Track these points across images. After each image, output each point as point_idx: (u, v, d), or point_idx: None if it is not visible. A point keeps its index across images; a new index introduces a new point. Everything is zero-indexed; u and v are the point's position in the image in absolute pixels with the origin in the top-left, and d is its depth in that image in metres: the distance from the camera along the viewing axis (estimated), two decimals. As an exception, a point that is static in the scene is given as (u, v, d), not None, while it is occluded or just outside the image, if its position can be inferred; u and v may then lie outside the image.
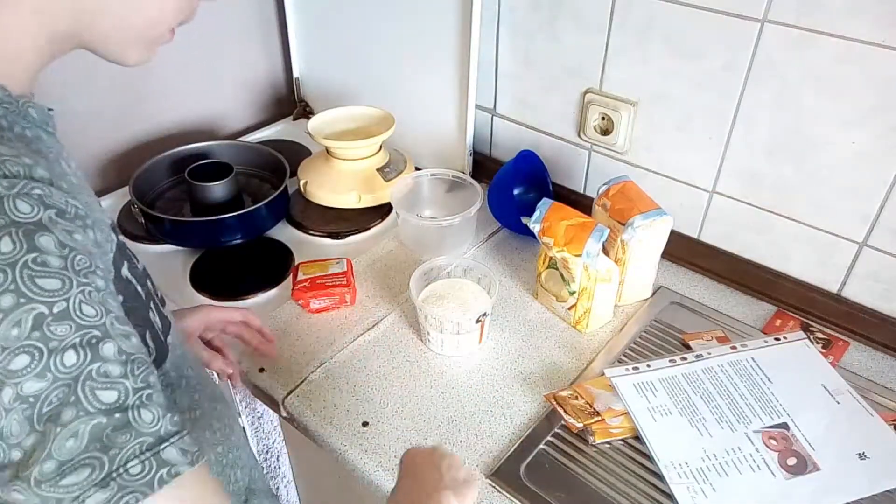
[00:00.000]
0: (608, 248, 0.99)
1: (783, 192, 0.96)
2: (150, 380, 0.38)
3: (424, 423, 0.84)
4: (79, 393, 0.34)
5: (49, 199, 0.36)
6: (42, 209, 0.35)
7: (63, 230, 0.36)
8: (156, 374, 0.39)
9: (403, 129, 1.22)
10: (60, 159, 0.46)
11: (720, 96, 0.95)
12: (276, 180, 1.19)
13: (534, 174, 1.19)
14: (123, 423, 0.34)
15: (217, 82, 1.41)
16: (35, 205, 0.35)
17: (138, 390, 0.36)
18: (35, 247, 0.34)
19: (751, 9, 0.87)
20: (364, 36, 1.32)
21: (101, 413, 0.34)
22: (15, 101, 0.43)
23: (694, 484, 0.74)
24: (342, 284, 1.00)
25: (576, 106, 1.12)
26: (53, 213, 0.36)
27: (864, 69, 0.82)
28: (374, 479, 0.79)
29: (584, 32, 1.05)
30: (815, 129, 0.89)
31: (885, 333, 0.94)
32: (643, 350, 0.94)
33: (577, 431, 0.81)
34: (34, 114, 0.45)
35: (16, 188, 0.35)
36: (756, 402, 0.83)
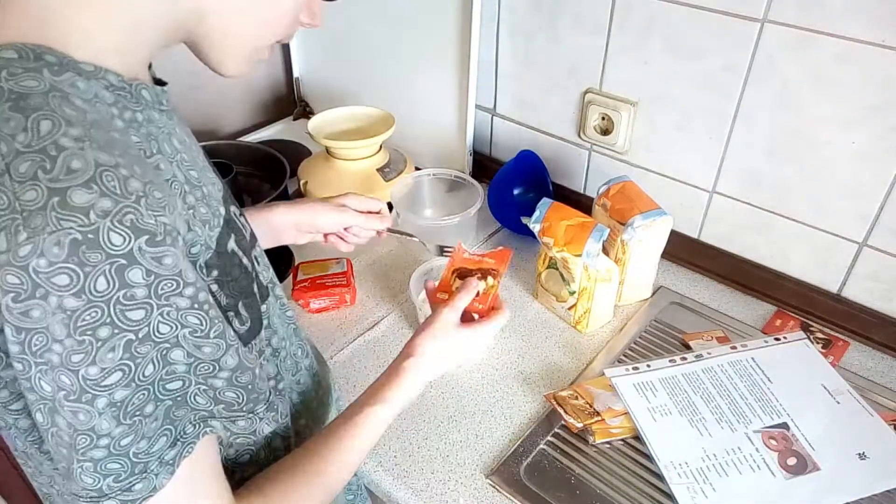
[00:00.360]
0: (608, 248, 0.99)
1: (783, 192, 0.96)
2: (210, 382, 0.45)
3: (424, 423, 0.84)
4: (157, 392, 0.42)
5: (140, 220, 0.39)
6: (133, 239, 0.38)
7: (151, 258, 0.39)
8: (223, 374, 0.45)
9: (403, 129, 1.22)
10: (172, 137, 0.49)
11: (720, 96, 0.95)
12: (276, 180, 1.19)
13: (534, 174, 1.19)
14: (183, 403, 0.44)
15: (217, 83, 1.41)
16: (126, 234, 0.38)
17: (198, 383, 0.44)
18: (125, 283, 0.39)
19: (751, 9, 0.87)
20: (364, 36, 1.33)
21: (170, 398, 0.43)
22: (129, 84, 0.45)
23: (694, 484, 0.74)
24: (342, 284, 1.00)
25: (576, 106, 1.12)
26: (144, 241, 0.39)
27: (864, 69, 0.82)
28: (374, 478, 0.79)
29: (584, 33, 1.05)
30: (815, 128, 0.89)
31: (885, 333, 0.94)
32: (643, 350, 0.94)
33: (577, 431, 0.81)
34: (147, 95, 0.47)
35: (110, 215, 0.38)
36: (756, 402, 0.83)
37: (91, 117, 0.41)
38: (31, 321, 0.38)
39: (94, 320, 0.38)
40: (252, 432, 0.49)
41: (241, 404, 0.47)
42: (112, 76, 0.44)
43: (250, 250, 0.57)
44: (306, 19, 0.54)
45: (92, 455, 0.41)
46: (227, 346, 0.45)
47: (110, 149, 0.40)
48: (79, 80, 0.42)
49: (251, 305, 0.55)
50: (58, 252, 0.37)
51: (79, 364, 0.39)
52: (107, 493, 0.42)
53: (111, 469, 0.42)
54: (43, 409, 0.41)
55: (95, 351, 0.39)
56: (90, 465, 0.42)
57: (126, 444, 0.42)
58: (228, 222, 0.52)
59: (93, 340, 0.39)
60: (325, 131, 1.20)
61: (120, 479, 0.42)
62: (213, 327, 0.44)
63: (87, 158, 0.38)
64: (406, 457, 0.80)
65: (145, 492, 0.43)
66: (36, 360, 0.39)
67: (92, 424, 0.41)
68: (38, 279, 0.37)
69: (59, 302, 0.37)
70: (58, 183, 0.37)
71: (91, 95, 0.43)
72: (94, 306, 0.38)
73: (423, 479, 0.77)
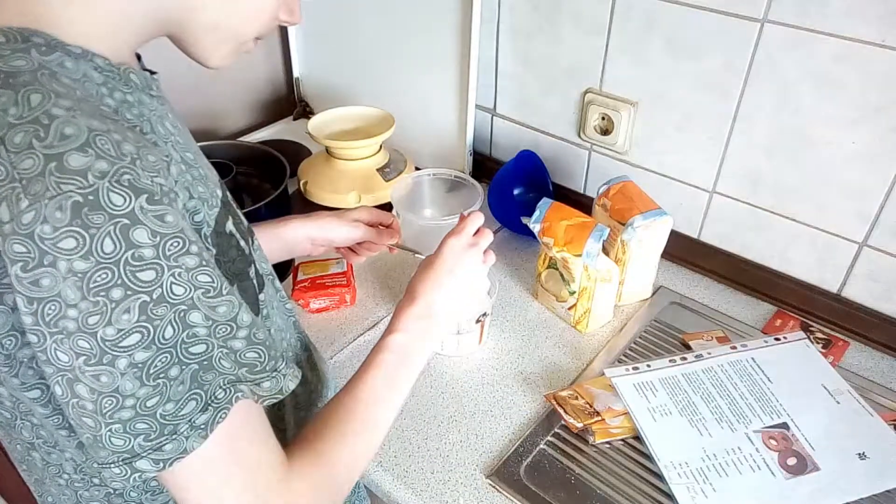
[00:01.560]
0: (608, 248, 0.99)
1: (783, 192, 0.96)
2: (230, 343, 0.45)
3: (424, 423, 0.84)
4: (180, 355, 0.42)
5: (138, 181, 0.39)
6: (133, 198, 0.39)
7: (154, 217, 0.40)
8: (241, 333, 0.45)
9: (403, 129, 1.22)
10: (165, 121, 0.50)
11: (720, 96, 0.95)
12: (276, 180, 1.19)
13: (534, 174, 1.19)
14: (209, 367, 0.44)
15: (217, 82, 1.41)
16: (126, 193, 0.39)
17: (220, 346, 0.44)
18: (132, 243, 0.39)
19: (751, 9, 0.87)
20: (364, 36, 1.33)
21: (195, 362, 0.43)
22: (116, 68, 0.46)
23: (694, 484, 0.74)
24: (342, 284, 1.00)
25: (576, 106, 1.12)
26: (144, 201, 0.39)
27: (864, 69, 0.82)
28: (374, 478, 0.79)
29: (584, 32, 1.05)
30: (815, 128, 0.89)
31: (885, 333, 0.94)
32: (643, 350, 0.94)
33: (577, 431, 0.81)
34: (136, 79, 0.48)
35: (107, 176, 0.38)
36: (756, 402, 0.83)
37: (80, 94, 0.42)
38: (42, 290, 0.38)
39: (105, 281, 0.38)
40: (279, 391, 0.48)
41: (262, 363, 0.47)
42: (99, 59, 0.45)
43: (248, 237, 0.57)
44: (285, 16, 0.54)
45: (119, 416, 0.42)
46: (239, 303, 0.45)
47: (101, 118, 0.41)
48: (67, 61, 0.43)
49: (246, 289, 0.55)
50: (60, 216, 0.37)
51: (96, 325, 0.39)
52: (138, 453, 0.43)
53: (140, 429, 0.42)
54: (61, 380, 0.41)
55: (110, 312, 0.39)
56: (119, 427, 0.42)
57: (152, 405, 0.42)
58: (226, 204, 0.53)
59: (107, 301, 0.39)
60: (325, 131, 1.20)
61: (150, 439, 0.43)
62: (222, 285, 0.44)
63: (79, 124, 0.39)
64: (406, 457, 0.80)
65: (175, 453, 0.43)
66: (50, 329, 0.39)
67: (116, 385, 0.41)
68: (45, 246, 0.37)
69: (68, 266, 0.38)
70: (53, 149, 0.38)
71: (80, 75, 0.43)
72: (104, 267, 0.38)
73: (423, 479, 0.77)
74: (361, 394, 0.59)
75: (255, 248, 0.59)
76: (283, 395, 0.49)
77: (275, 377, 0.48)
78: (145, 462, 0.43)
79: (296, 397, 0.67)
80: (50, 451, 0.55)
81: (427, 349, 0.66)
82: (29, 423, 0.53)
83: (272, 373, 0.48)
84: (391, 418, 0.61)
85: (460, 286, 0.68)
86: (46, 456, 0.55)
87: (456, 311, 0.69)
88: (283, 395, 0.49)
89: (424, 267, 0.68)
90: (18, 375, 0.47)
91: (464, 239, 0.69)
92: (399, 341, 0.63)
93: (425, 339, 0.65)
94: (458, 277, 0.68)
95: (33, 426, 0.53)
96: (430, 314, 0.66)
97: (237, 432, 0.47)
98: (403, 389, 0.63)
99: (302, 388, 0.68)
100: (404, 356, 0.63)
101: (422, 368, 0.65)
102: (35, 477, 0.60)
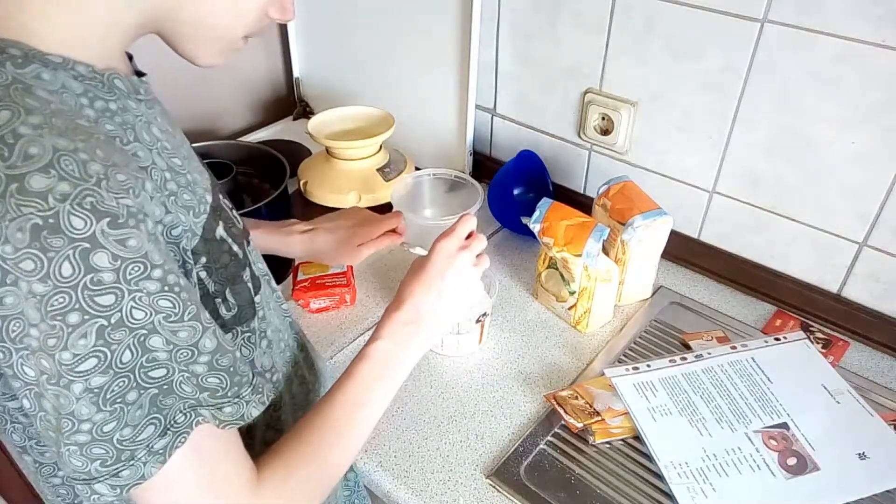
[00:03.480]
0: (608, 248, 0.99)
1: (783, 192, 0.96)
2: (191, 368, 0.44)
3: (424, 423, 0.84)
4: (138, 379, 0.42)
5: (101, 204, 0.39)
6: (94, 221, 0.38)
7: (115, 241, 0.39)
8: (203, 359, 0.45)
9: (403, 129, 1.22)
10: (152, 126, 0.49)
11: (720, 96, 0.95)
12: (276, 180, 1.19)
13: (534, 174, 1.19)
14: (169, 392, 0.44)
15: (217, 82, 1.41)
16: (87, 217, 0.38)
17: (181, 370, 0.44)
18: (91, 267, 0.38)
19: (751, 9, 0.87)
20: (364, 36, 1.33)
21: (154, 386, 0.43)
22: (100, 74, 0.46)
23: (694, 484, 0.74)
24: (342, 284, 1.00)
25: (576, 106, 1.12)
26: (106, 224, 0.39)
27: (864, 69, 0.82)
28: (374, 478, 0.79)
29: (584, 33, 1.05)
30: (815, 129, 0.89)
31: (885, 333, 0.94)
32: (643, 350, 0.94)
33: (577, 431, 0.81)
34: (121, 85, 0.47)
35: (69, 199, 0.38)
36: (756, 402, 0.83)
37: (54, 107, 0.41)
38: (5, 308, 0.38)
39: (62, 306, 0.38)
40: (240, 417, 0.48)
41: (225, 389, 0.46)
42: (81, 67, 0.44)
43: (242, 240, 0.57)
44: (276, 14, 0.54)
45: (76, 439, 0.42)
46: (204, 328, 0.45)
47: (72, 134, 0.40)
48: (44, 72, 0.42)
49: (240, 292, 0.55)
50: (21, 237, 0.37)
51: (54, 348, 0.39)
52: (96, 477, 0.43)
53: (96, 454, 0.42)
54: (29, 394, 0.41)
55: (67, 336, 0.39)
56: (76, 449, 0.42)
57: (109, 430, 0.42)
58: (216, 209, 0.53)
59: (63, 326, 0.39)
60: (325, 131, 1.20)
61: (107, 465, 0.43)
62: (186, 310, 0.43)
63: (44, 144, 0.38)
64: (406, 457, 0.80)
65: (133, 479, 0.43)
66: (16, 346, 0.40)
67: (72, 409, 0.41)
68: (7, 265, 0.37)
69: (28, 287, 0.38)
70: (15, 169, 0.37)
71: (57, 86, 0.43)
72: (60, 292, 0.38)
73: (423, 479, 0.77)
74: (339, 404, 0.58)
75: (250, 249, 0.59)
76: (244, 422, 0.48)
77: (237, 403, 0.47)
78: (103, 486, 0.43)
79: (293, 397, 0.66)
80: (43, 450, 0.55)
81: (413, 355, 0.64)
82: (20, 426, 0.53)
83: (234, 399, 0.47)
84: (371, 427, 0.61)
85: (450, 290, 0.66)
86: (39, 457, 0.55)
87: (445, 316, 0.67)
88: (245, 422, 0.48)
89: (415, 269, 0.67)
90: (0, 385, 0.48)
91: (455, 242, 0.68)
92: (383, 348, 0.62)
93: (411, 346, 0.64)
94: (448, 282, 0.66)
95: (24, 428, 0.53)
96: (416, 320, 0.64)
97: (204, 452, 0.47)
98: (385, 398, 0.62)
99: (300, 388, 0.68)
100: (387, 365, 0.62)
101: (408, 374, 0.64)
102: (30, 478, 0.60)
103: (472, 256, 0.68)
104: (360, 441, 0.60)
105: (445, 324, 0.67)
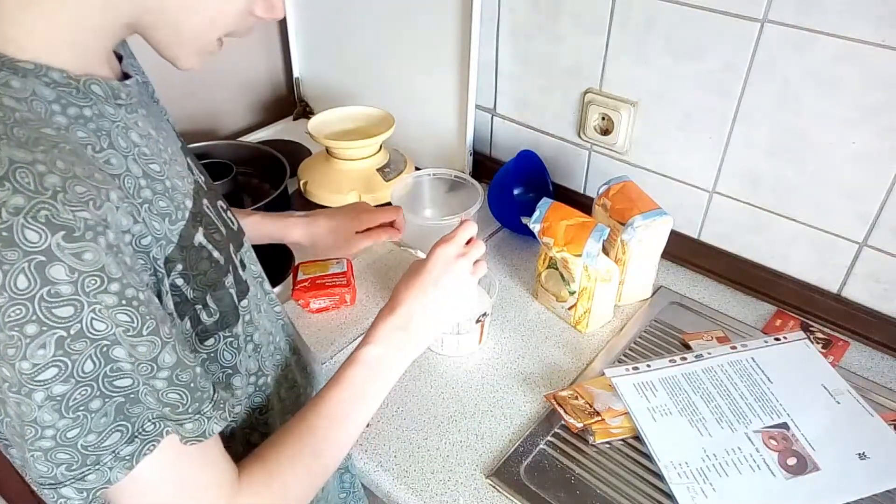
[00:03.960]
0: (608, 248, 0.99)
1: (783, 192, 0.96)
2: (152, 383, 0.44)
3: (424, 423, 0.84)
4: (102, 388, 0.42)
5: (56, 217, 0.38)
6: (49, 235, 0.38)
7: (71, 255, 0.39)
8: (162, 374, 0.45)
9: (403, 129, 1.22)
10: (130, 131, 0.48)
11: (720, 96, 0.95)
12: (276, 180, 1.19)
13: (534, 174, 1.19)
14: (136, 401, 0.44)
15: (217, 82, 1.41)
16: (42, 230, 0.38)
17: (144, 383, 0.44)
18: (47, 280, 0.38)
19: (751, 9, 0.87)
20: (364, 36, 1.33)
21: (120, 395, 0.43)
22: (75, 80, 0.45)
23: (694, 484, 0.74)
24: (342, 284, 1.00)
25: (576, 106, 1.12)
26: (61, 237, 0.38)
27: (863, 69, 0.82)
28: (374, 478, 0.79)
29: (584, 32, 1.05)
30: (815, 128, 0.89)
31: (885, 333, 0.94)
32: (643, 350, 0.94)
33: (577, 431, 0.81)
34: (98, 90, 0.47)
35: (22, 212, 0.37)
36: (756, 402, 0.83)
37: (20, 115, 0.41)
38: None
39: (19, 317, 0.38)
40: (202, 434, 0.47)
41: (185, 405, 0.46)
42: (55, 73, 0.44)
43: (228, 245, 0.56)
44: (263, 13, 0.53)
45: (40, 445, 0.42)
46: (163, 342, 0.44)
47: (32, 146, 0.40)
48: (13, 80, 0.42)
49: (221, 298, 0.54)
50: None
51: (13, 358, 0.39)
52: (62, 481, 0.43)
53: (61, 459, 0.43)
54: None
55: (25, 347, 0.39)
56: (40, 455, 0.42)
57: (73, 436, 0.42)
58: (196, 216, 0.52)
59: (21, 336, 0.39)
60: (325, 131, 1.20)
61: (72, 469, 0.43)
62: (144, 324, 0.43)
63: (0, 157, 0.38)
64: (406, 457, 0.80)
65: (98, 483, 0.44)
66: None
67: (34, 416, 0.41)
68: None
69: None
70: None
71: (27, 94, 0.42)
72: (17, 303, 0.38)
73: (423, 479, 0.77)
74: (326, 411, 0.58)
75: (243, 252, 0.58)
76: (205, 438, 0.48)
77: (197, 420, 0.47)
78: (69, 490, 0.43)
79: (282, 401, 0.66)
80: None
81: (403, 361, 0.64)
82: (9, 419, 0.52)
83: (195, 415, 0.47)
84: (358, 431, 0.60)
85: (444, 297, 0.65)
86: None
87: (438, 323, 0.66)
88: (206, 438, 0.48)
89: (410, 273, 0.66)
90: None
91: (453, 248, 0.66)
92: (373, 354, 0.61)
93: (402, 351, 0.63)
94: (443, 288, 0.65)
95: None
96: (408, 325, 0.63)
97: (180, 458, 0.47)
98: (373, 404, 0.61)
99: (289, 392, 0.67)
100: (377, 370, 0.61)
101: (397, 379, 0.63)
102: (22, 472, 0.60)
103: (470, 264, 0.67)
104: (347, 446, 0.59)
105: (438, 330, 0.67)
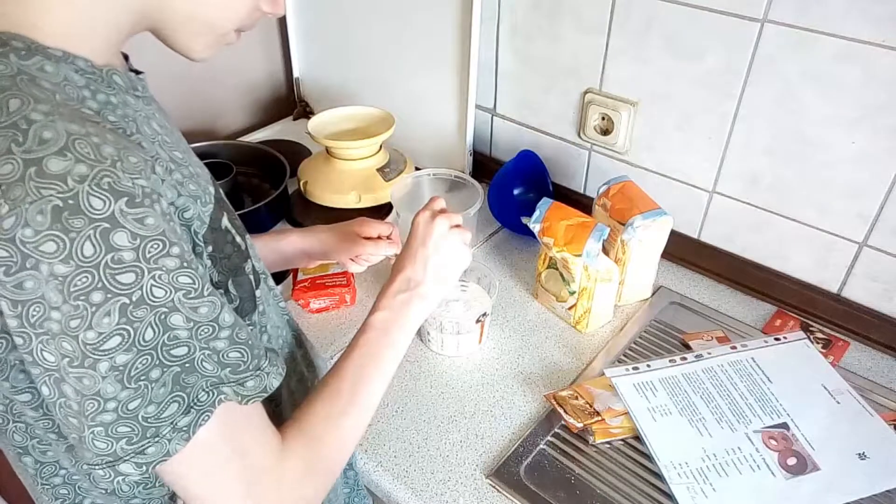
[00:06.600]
0: (608, 248, 0.99)
1: (783, 193, 0.96)
2: (213, 344, 0.45)
3: (424, 423, 0.84)
4: (161, 357, 0.42)
5: (118, 184, 0.39)
6: (113, 201, 0.39)
7: (134, 220, 0.40)
8: (223, 334, 0.45)
9: (403, 129, 1.22)
10: (151, 121, 0.50)
11: (720, 96, 0.95)
12: (276, 180, 1.19)
13: (534, 174, 1.19)
14: (192, 370, 0.44)
15: (217, 82, 1.41)
16: (106, 197, 0.39)
17: (202, 347, 0.44)
18: (111, 246, 0.39)
19: (751, 9, 0.87)
20: (364, 36, 1.33)
21: (177, 364, 0.43)
22: (98, 69, 0.46)
23: (694, 484, 0.74)
24: (342, 284, 1.00)
25: (576, 106, 1.12)
26: (124, 203, 0.39)
27: (864, 69, 0.82)
28: (374, 478, 0.79)
29: (584, 32, 1.05)
30: (815, 128, 0.89)
31: (885, 333, 0.94)
32: (643, 350, 0.94)
33: (577, 431, 0.81)
34: (119, 80, 0.48)
35: (87, 180, 0.38)
36: (756, 402, 0.83)
37: (59, 98, 0.42)
38: (25, 293, 0.39)
39: (85, 285, 0.39)
40: (263, 390, 0.48)
41: (246, 363, 0.47)
42: (81, 61, 0.45)
43: (245, 233, 0.58)
44: (267, 8, 0.54)
45: (101, 419, 0.42)
46: (222, 303, 0.45)
47: (81, 122, 0.41)
48: (47, 64, 0.43)
49: (242, 284, 0.55)
50: (41, 220, 0.37)
51: (77, 329, 0.39)
52: (121, 457, 0.43)
53: (122, 432, 0.43)
54: (48, 380, 0.42)
55: (91, 316, 0.39)
56: (101, 430, 0.42)
57: (134, 407, 0.42)
58: (220, 201, 0.54)
59: (87, 305, 0.39)
60: (325, 131, 1.20)
61: (133, 442, 0.43)
62: (204, 285, 0.44)
63: (57, 129, 0.39)
64: (406, 457, 0.80)
65: (158, 456, 0.44)
66: (35, 331, 0.40)
67: (97, 388, 0.41)
68: (26, 249, 0.38)
69: (49, 269, 0.38)
70: (32, 154, 0.38)
71: (60, 79, 0.43)
72: (84, 271, 0.38)
73: (423, 479, 0.77)
74: (346, 373, 0.60)
75: (250, 244, 0.60)
76: (266, 394, 0.49)
77: (258, 375, 0.48)
78: (128, 465, 0.43)
79: (292, 394, 0.67)
80: (45, 449, 0.55)
81: (412, 322, 0.66)
82: (22, 426, 0.53)
83: (255, 371, 0.48)
84: (379, 394, 0.62)
85: (435, 253, 0.69)
86: (41, 456, 0.55)
87: (439, 278, 0.69)
88: (267, 393, 0.49)
89: (402, 250, 0.70)
90: (9, 379, 0.48)
91: (428, 212, 0.71)
92: (380, 318, 0.64)
93: (408, 312, 0.66)
94: (430, 246, 0.69)
95: (27, 427, 0.53)
96: (409, 287, 0.67)
97: (230, 426, 0.48)
98: (389, 365, 0.63)
99: (298, 385, 0.68)
100: (387, 332, 0.64)
101: (409, 342, 0.66)
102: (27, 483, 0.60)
103: (449, 222, 0.70)
104: (372, 409, 0.61)
105: (440, 288, 0.69)
